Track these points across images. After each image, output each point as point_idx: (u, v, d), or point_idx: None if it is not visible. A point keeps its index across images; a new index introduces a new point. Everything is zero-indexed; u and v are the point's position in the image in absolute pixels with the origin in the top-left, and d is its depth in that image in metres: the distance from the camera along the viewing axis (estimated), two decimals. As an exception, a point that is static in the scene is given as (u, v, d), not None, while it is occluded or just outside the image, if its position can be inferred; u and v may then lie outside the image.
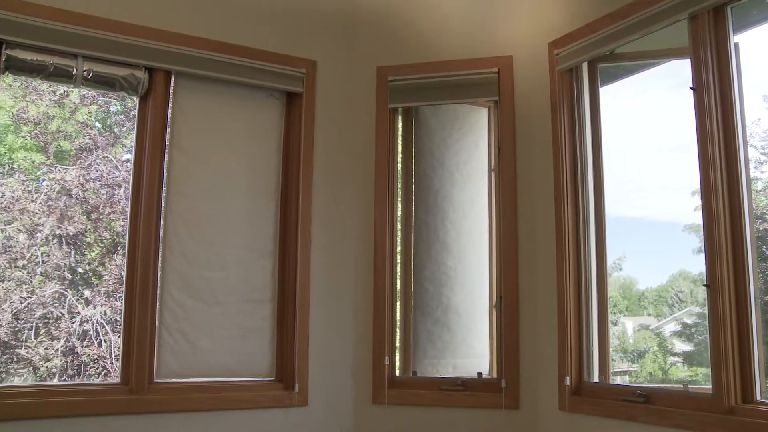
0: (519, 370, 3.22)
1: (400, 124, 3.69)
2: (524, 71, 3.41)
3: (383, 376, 3.37)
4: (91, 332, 5.98)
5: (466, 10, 3.56)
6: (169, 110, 3.25)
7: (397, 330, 3.53)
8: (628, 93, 3.28)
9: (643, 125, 3.19)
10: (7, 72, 2.94)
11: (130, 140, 6.29)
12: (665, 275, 3.64)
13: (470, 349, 3.50)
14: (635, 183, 3.24)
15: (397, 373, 3.48)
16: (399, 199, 3.64)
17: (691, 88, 2.59)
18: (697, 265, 2.73)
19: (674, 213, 3.08)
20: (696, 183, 2.59)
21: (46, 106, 6.16)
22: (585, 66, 3.18)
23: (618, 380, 3.46)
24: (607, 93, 3.21)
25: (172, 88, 3.26)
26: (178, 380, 3.15)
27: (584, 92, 3.20)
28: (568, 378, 3.00)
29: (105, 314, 6.05)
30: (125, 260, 3.19)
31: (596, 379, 3.01)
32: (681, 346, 3.93)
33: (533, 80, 3.36)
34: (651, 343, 4.13)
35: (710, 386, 2.45)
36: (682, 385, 2.68)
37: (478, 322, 3.49)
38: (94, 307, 6.06)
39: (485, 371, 3.41)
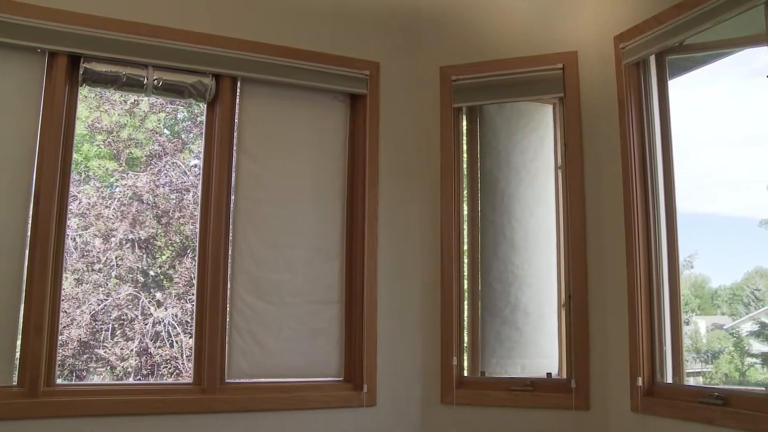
0: (589, 371, 3.16)
1: (464, 124, 3.68)
2: (589, 66, 3.35)
3: (451, 376, 3.36)
4: (163, 333, 6.15)
5: (529, 6, 3.52)
6: (236, 115, 3.32)
7: (465, 330, 3.52)
8: (699, 84, 3.18)
9: (716, 117, 3.10)
10: (84, 84, 3.06)
11: (197, 146, 6.44)
12: (740, 273, 3.54)
13: (539, 348, 3.46)
14: (708, 178, 3.15)
15: (465, 373, 3.46)
16: (465, 199, 3.62)
17: None
18: (776, 262, 2.64)
19: (749, 208, 2.99)
20: (773, 176, 2.50)
21: (118, 115, 6.37)
22: (653, 59, 3.10)
23: (691, 381, 3.36)
24: (676, 85, 3.12)
25: (238, 93, 3.33)
26: (248, 380, 3.21)
27: (652, 86, 3.12)
28: (640, 378, 2.92)
29: (176, 316, 6.21)
30: (196, 263, 3.27)
31: (669, 379, 2.93)
32: (759, 346, 3.80)
33: (599, 75, 3.30)
34: (726, 343, 4.02)
35: (794, 388, 2.35)
36: (764, 388, 2.58)
37: (546, 322, 3.45)
38: (166, 308, 6.23)
39: (554, 371, 3.36)
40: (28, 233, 2.90)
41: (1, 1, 2.90)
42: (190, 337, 6.01)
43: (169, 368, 6.20)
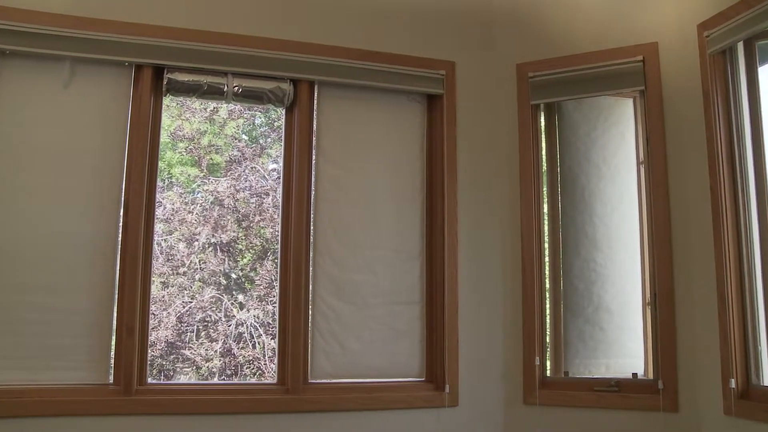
0: (677, 371, 3.07)
1: (542, 121, 3.62)
2: (671, 57, 3.25)
3: (534, 376, 3.32)
4: (245, 334, 6.29)
5: (606, -2, 3.45)
6: (314, 119, 3.38)
7: (547, 329, 3.47)
8: (793, 70, 3.03)
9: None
10: (167, 94, 3.18)
11: (275, 150, 6.57)
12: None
13: (623, 348, 3.38)
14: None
15: (548, 373, 3.42)
16: (545, 197, 3.57)
17: None
18: None
19: None
20: None
21: (198, 122, 6.55)
22: (740, 45, 2.98)
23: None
24: (767, 72, 2.99)
25: (315, 97, 3.39)
26: (331, 381, 3.25)
27: (740, 74, 2.99)
28: (733, 380, 2.81)
29: (258, 317, 6.34)
30: (277, 266, 3.34)
31: (767, 382, 2.80)
32: None
33: (682, 66, 3.19)
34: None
35: None
36: None
37: (631, 321, 3.37)
38: (248, 310, 6.36)
39: (640, 371, 3.28)
40: (119, 240, 3.03)
41: (94, 21, 3.06)
42: (271, 338, 6.13)
43: (252, 368, 6.34)
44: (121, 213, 3.05)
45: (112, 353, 2.98)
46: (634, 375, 3.26)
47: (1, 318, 2.86)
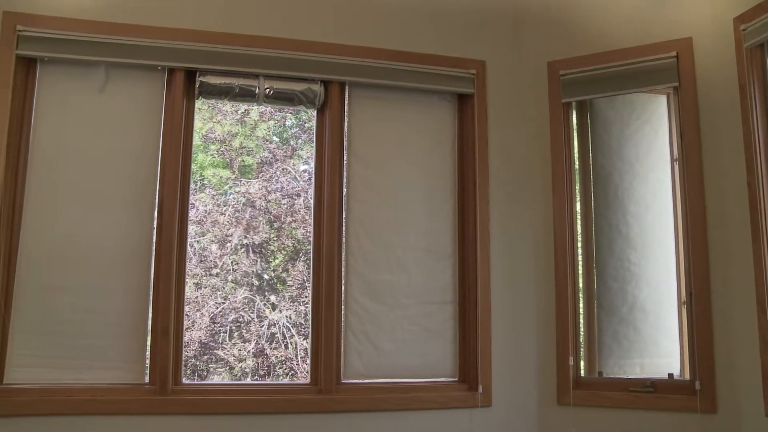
0: (715, 371, 3.02)
1: (574, 118, 3.59)
2: (706, 52, 3.20)
3: (568, 376, 3.29)
4: (278, 335, 6.32)
5: (639, -7, 3.41)
6: (345, 120, 3.39)
7: (581, 329, 3.44)
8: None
9: None
10: (200, 97, 3.21)
11: (306, 151, 6.59)
12: None
13: (659, 348, 3.34)
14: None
15: (582, 373, 3.38)
16: (577, 195, 3.55)
17: None
18: None
19: None
20: None
21: (230, 124, 6.60)
22: (779, 39, 2.93)
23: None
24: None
25: (346, 98, 3.40)
26: (364, 381, 3.26)
27: (778, 68, 2.95)
28: (774, 381, 2.77)
29: (290, 318, 6.36)
30: (311, 266, 3.36)
31: (810, 382, 2.75)
32: None
33: (717, 61, 3.14)
34: None
35: None
36: None
37: (666, 320, 3.32)
38: (280, 311, 6.39)
39: (676, 372, 3.23)
40: (154, 242, 3.08)
41: (127, 26, 3.11)
42: (304, 339, 6.15)
43: (284, 369, 6.36)
44: (156, 215, 3.10)
45: (148, 353, 3.03)
46: (670, 375, 3.21)
47: (39, 318, 2.93)
